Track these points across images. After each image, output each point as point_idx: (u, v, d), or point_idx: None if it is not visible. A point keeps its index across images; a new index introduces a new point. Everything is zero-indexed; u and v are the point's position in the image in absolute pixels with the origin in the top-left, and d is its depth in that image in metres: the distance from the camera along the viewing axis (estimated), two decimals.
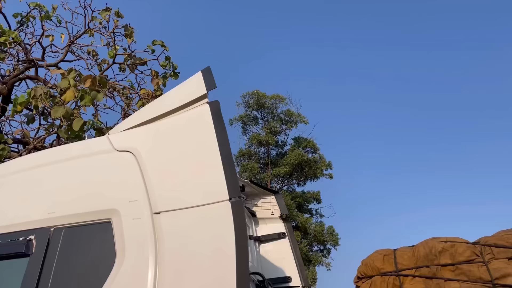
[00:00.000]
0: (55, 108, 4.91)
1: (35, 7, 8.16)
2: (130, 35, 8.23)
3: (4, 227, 2.74)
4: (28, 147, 6.27)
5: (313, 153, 31.55)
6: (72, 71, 5.32)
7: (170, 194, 2.39)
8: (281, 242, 4.49)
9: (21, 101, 5.53)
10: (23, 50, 8.09)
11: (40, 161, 3.08)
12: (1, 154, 5.48)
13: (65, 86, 5.08)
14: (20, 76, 7.96)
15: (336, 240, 29.08)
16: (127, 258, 2.28)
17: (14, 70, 8.31)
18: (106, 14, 8.22)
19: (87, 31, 8.55)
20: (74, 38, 8.60)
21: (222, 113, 2.53)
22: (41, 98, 5.30)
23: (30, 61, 7.94)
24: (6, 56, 7.70)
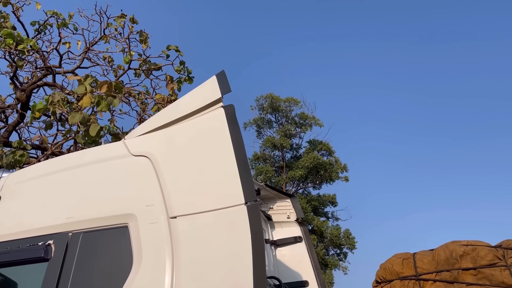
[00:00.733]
0: (72, 114, 4.98)
1: (52, 15, 8.30)
2: (145, 40, 8.31)
3: (24, 232, 2.78)
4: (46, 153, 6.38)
5: (329, 156, 31.38)
6: (88, 77, 5.40)
7: (186, 198, 2.39)
8: (298, 246, 4.45)
9: (39, 108, 5.62)
10: (41, 57, 8.24)
11: (58, 166, 3.12)
12: (20, 160, 5.58)
13: (81, 92, 5.16)
14: (38, 83, 8.11)
15: (353, 244, 28.80)
16: (144, 262, 2.29)
17: (32, 77, 8.47)
18: (121, 20, 8.32)
19: (103, 37, 8.67)
20: (90, 44, 8.73)
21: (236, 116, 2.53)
22: (59, 104, 5.38)
23: (48, 68, 8.08)
24: (25, 63, 7.86)
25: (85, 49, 8.64)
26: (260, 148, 32.09)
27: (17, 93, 7.74)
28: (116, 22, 8.37)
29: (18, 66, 7.61)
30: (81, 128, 5.25)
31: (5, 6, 7.72)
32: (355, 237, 28.99)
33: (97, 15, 8.45)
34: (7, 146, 7.25)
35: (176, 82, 8.36)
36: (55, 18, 8.35)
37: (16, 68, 7.78)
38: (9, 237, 2.79)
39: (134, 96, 8.01)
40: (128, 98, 8.06)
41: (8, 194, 3.06)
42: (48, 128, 6.85)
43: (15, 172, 3.36)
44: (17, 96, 7.73)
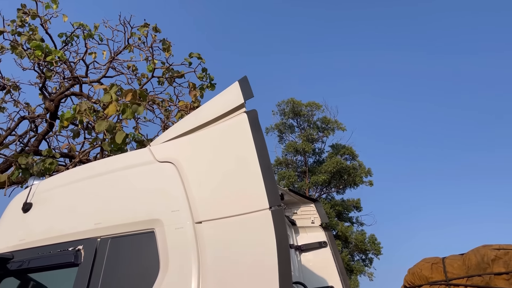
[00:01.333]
0: (98, 122, 5.10)
1: (78, 26, 8.55)
2: (167, 49, 8.45)
3: (54, 237, 2.84)
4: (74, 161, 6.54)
5: (352, 160, 31.05)
6: (113, 86, 5.52)
7: (211, 203, 2.41)
8: (323, 251, 4.41)
9: (67, 117, 5.78)
10: (68, 68, 8.47)
11: (86, 173, 3.19)
12: (49, 168, 5.73)
13: (107, 101, 5.27)
14: (66, 93, 8.34)
15: (379, 249, 28.32)
16: (170, 267, 2.31)
17: (60, 88, 8.72)
18: (144, 29, 8.49)
19: (127, 47, 8.86)
20: (115, 54, 8.93)
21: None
22: (86, 113, 5.52)
23: (75, 78, 8.31)
24: (53, 74, 8.11)
25: (110, 59, 8.85)
26: (282, 153, 32.06)
27: (46, 103, 7.98)
28: (140, 31, 8.55)
29: (47, 77, 7.86)
30: (107, 135, 5.37)
31: (34, 19, 8.00)
32: (380, 242, 28.54)
33: (121, 25, 8.66)
34: (37, 154, 7.48)
35: (198, 89, 8.45)
36: (81, 30, 8.60)
37: (45, 79, 8.02)
38: (41, 242, 2.86)
39: (158, 103, 8.14)
40: (152, 106, 8.20)
41: (39, 201, 3.14)
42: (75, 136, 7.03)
43: (45, 180, 3.44)
44: (46, 106, 7.96)
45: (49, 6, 8.09)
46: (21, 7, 7.91)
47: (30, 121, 8.53)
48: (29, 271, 2.86)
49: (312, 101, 32.15)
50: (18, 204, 3.18)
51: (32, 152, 7.24)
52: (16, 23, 7.88)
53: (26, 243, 2.93)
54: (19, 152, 6.62)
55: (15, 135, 8.46)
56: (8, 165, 7.06)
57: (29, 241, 2.93)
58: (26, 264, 2.82)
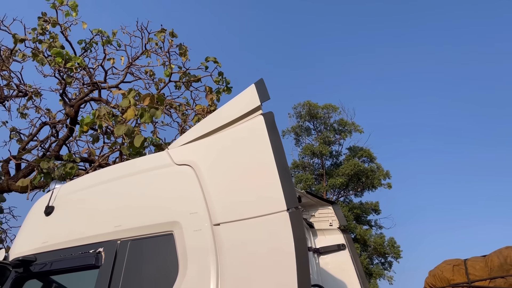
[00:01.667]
0: (117, 127, 5.18)
1: (97, 33, 8.71)
2: (184, 53, 8.53)
3: (75, 240, 2.89)
4: (94, 165, 6.65)
5: (370, 163, 30.73)
6: (132, 91, 5.60)
7: (229, 206, 2.41)
8: (341, 254, 4.36)
9: (87, 122, 5.89)
10: (87, 74, 8.63)
11: (105, 177, 3.24)
12: (70, 172, 5.84)
13: (126, 105, 5.36)
14: (85, 99, 8.49)
15: (398, 253, 27.91)
16: (189, 269, 2.32)
17: (80, 93, 8.89)
18: (161, 35, 8.60)
19: (144, 52, 8.98)
20: (133, 59, 9.06)
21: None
22: (105, 117, 5.61)
23: (94, 84, 8.46)
24: (73, 80, 8.27)
25: (128, 64, 8.98)
26: (299, 156, 31.93)
27: (66, 108, 8.14)
28: (157, 36, 8.66)
29: (67, 83, 8.02)
30: (126, 139, 5.45)
31: (54, 27, 8.18)
32: (400, 245, 28.12)
33: (139, 31, 8.78)
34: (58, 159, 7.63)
35: (215, 93, 8.50)
36: (100, 36, 8.76)
37: (65, 85, 8.19)
38: (63, 245, 2.92)
39: (175, 107, 8.22)
40: (169, 110, 8.29)
41: (61, 205, 3.21)
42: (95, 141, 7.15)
43: (66, 184, 3.51)
44: (66, 112, 8.12)
45: (69, 14, 8.26)
46: (42, 16, 8.10)
47: (51, 126, 8.71)
48: (51, 273, 2.92)
49: (328, 103, 32.02)
50: (41, 208, 3.25)
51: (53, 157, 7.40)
52: (37, 31, 8.07)
53: (48, 246, 2.99)
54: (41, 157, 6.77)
55: (37, 141, 8.66)
56: (31, 170, 7.23)
57: (51, 243, 2.99)
58: (48, 266, 2.87)
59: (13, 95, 8.87)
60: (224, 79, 8.68)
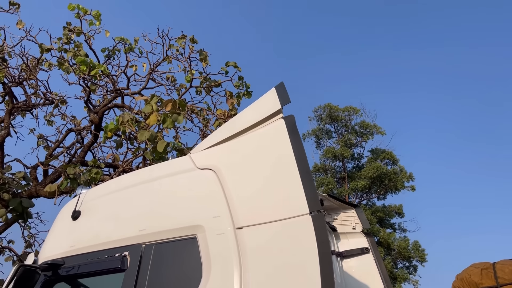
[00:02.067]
0: (140, 132, 5.27)
1: (120, 41, 8.89)
2: (204, 59, 8.62)
3: (101, 244, 2.94)
4: (118, 170, 6.77)
5: (393, 165, 30.29)
6: (154, 97, 5.70)
7: (251, 209, 2.42)
8: (365, 257, 4.31)
9: (111, 128, 6.01)
10: (110, 81, 8.81)
11: (130, 182, 3.30)
12: (95, 178, 5.97)
13: (148, 111, 5.45)
14: (109, 105, 8.66)
15: (423, 256, 27.35)
16: (213, 272, 2.34)
17: (103, 100, 9.07)
18: (182, 41, 8.71)
19: (166, 58, 9.11)
20: (154, 66, 9.20)
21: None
22: (128, 123, 5.72)
23: (117, 90, 8.62)
24: (97, 87, 8.46)
25: (149, 71, 9.13)
26: (320, 159, 31.73)
27: (90, 115, 8.32)
28: (177, 43, 8.77)
29: (91, 91, 8.21)
30: (149, 145, 5.54)
31: (78, 36, 8.39)
32: (425, 249, 27.57)
33: (160, 38, 8.92)
34: (83, 165, 7.80)
35: (235, 97, 8.55)
36: (122, 44, 8.94)
37: (90, 92, 8.38)
38: (89, 249, 2.98)
39: (196, 112, 8.31)
40: (190, 115, 8.37)
41: (87, 209, 3.28)
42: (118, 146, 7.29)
43: (92, 189, 3.58)
44: (91, 118, 8.30)
45: (92, 23, 8.46)
46: (67, 25, 8.33)
47: (77, 133, 8.92)
48: (79, 276, 2.98)
49: (349, 105, 31.75)
50: (68, 212, 3.33)
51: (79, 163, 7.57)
52: (62, 41, 8.29)
53: (75, 249, 3.05)
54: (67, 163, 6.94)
55: (63, 147, 8.87)
56: (58, 176, 7.42)
57: (78, 247, 3.05)
58: (76, 269, 2.94)
59: (40, 103, 9.12)
60: (244, 84, 8.72)
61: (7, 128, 7.74)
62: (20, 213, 5.47)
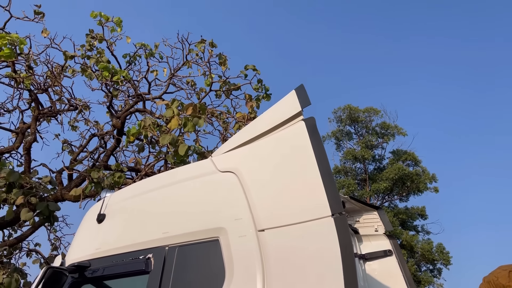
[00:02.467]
0: (162, 136, 5.35)
1: (140, 46, 9.04)
2: (224, 62, 8.69)
3: (126, 246, 3.00)
4: (140, 174, 6.87)
5: (415, 166, 29.80)
6: (175, 101, 5.77)
7: (273, 212, 2.42)
8: (388, 260, 4.25)
9: (133, 132, 6.11)
10: (132, 86, 8.97)
11: (152, 185, 3.35)
12: (118, 181, 6.08)
13: (169, 115, 5.52)
14: (131, 110, 8.82)
15: (448, 259, 26.79)
16: (236, 275, 2.35)
17: (125, 105, 9.24)
18: (201, 45, 8.80)
19: (185, 63, 9.22)
20: (175, 71, 9.32)
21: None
22: (150, 128, 5.81)
23: (139, 95, 8.77)
24: (119, 93, 8.62)
25: (170, 76, 9.25)
26: (340, 161, 31.46)
27: (113, 120, 8.48)
28: (197, 47, 8.87)
29: (114, 96, 8.38)
30: (171, 148, 5.61)
31: (101, 43, 8.57)
32: (449, 251, 26.99)
33: (180, 43, 9.03)
34: (106, 169, 7.96)
35: (255, 100, 8.58)
36: (143, 49, 9.09)
37: (112, 98, 8.55)
38: (114, 251, 3.03)
39: (216, 116, 8.37)
40: (211, 119, 8.44)
41: (112, 213, 3.34)
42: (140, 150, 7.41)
43: (116, 192, 3.65)
44: (113, 123, 8.46)
45: (114, 29, 8.63)
46: (89, 32, 8.52)
47: (100, 138, 9.11)
48: (104, 278, 3.03)
49: (369, 106, 31.42)
50: (93, 216, 3.40)
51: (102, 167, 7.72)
52: (85, 47, 8.49)
53: (101, 252, 3.12)
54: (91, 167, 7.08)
55: (87, 152, 9.07)
56: (82, 180, 7.58)
57: (104, 249, 3.11)
58: (101, 271, 3.00)
59: (64, 109, 9.35)
60: (263, 86, 8.75)
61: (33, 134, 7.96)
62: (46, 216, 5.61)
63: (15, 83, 8.03)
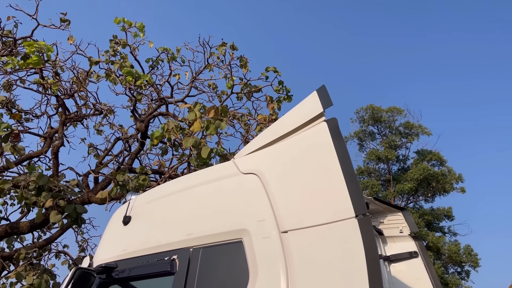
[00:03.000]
0: (185, 139, 5.41)
1: (163, 51, 9.18)
2: (244, 65, 8.73)
3: (152, 248, 3.04)
4: (164, 176, 6.98)
5: (440, 166, 29.17)
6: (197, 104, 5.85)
7: (296, 213, 2.42)
8: (414, 262, 4.17)
9: (157, 135, 6.22)
10: (155, 90, 9.11)
11: (176, 187, 3.40)
12: (143, 184, 6.19)
13: (192, 118, 5.59)
14: (154, 114, 8.96)
15: (476, 261, 26.10)
16: (259, 276, 2.35)
17: (148, 109, 9.39)
18: (222, 48, 8.87)
19: (207, 66, 9.30)
20: (196, 74, 9.42)
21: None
22: (173, 131, 5.90)
23: (161, 99, 8.90)
24: (142, 97, 8.77)
25: (192, 79, 9.35)
26: (363, 161, 31.09)
27: (137, 124, 8.63)
28: (218, 50, 8.94)
29: (137, 100, 8.53)
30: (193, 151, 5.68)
31: (124, 48, 8.75)
32: (478, 253, 26.29)
33: (201, 46, 9.13)
34: (131, 172, 8.10)
35: (276, 102, 8.58)
36: (165, 54, 9.22)
37: (135, 102, 8.70)
38: (140, 252, 3.09)
39: (238, 118, 8.41)
40: (232, 121, 8.49)
41: (137, 215, 3.40)
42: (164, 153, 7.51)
43: (141, 195, 3.71)
44: (137, 127, 8.61)
45: (137, 34, 8.80)
46: (113, 38, 8.70)
47: (124, 141, 9.27)
48: (131, 279, 3.09)
49: (393, 106, 30.96)
50: (119, 218, 3.47)
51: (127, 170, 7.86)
52: (109, 53, 8.68)
53: (127, 253, 3.17)
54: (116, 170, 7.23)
55: (112, 155, 9.25)
56: (107, 183, 7.74)
57: (130, 251, 3.17)
58: (128, 272, 3.05)
59: (90, 114, 9.57)
60: (285, 88, 8.75)
61: (61, 138, 8.17)
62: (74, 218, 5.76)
63: (43, 89, 8.28)
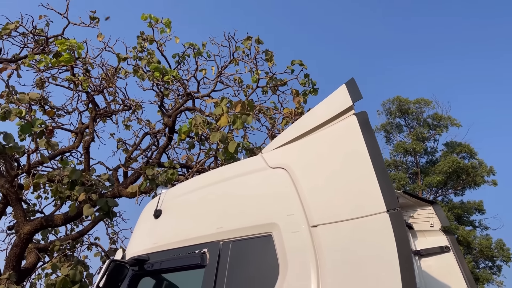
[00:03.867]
0: (212, 134, 5.47)
1: (189, 46, 9.26)
2: (270, 59, 8.70)
3: (181, 241, 3.09)
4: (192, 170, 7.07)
5: (470, 159, 28.40)
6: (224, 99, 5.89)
7: (325, 207, 2.41)
8: (445, 257, 4.09)
9: (184, 130, 6.30)
10: (182, 85, 9.22)
11: (206, 182, 3.44)
12: (171, 178, 6.29)
13: (219, 113, 5.64)
14: (181, 109, 9.07)
15: (508, 256, 25.38)
16: (289, 270, 2.36)
17: (175, 104, 9.51)
18: (247, 42, 8.88)
19: (232, 61, 9.34)
20: (222, 69, 9.47)
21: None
22: (200, 125, 5.96)
23: (188, 94, 9.00)
24: (169, 92, 8.89)
25: (217, 74, 9.41)
26: (390, 154, 30.59)
27: (164, 119, 8.77)
28: (243, 44, 8.95)
29: (165, 95, 8.65)
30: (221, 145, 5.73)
31: (151, 44, 8.88)
32: (510, 248, 25.53)
33: (226, 41, 9.16)
34: (159, 166, 8.25)
35: (301, 95, 8.54)
36: (191, 49, 9.30)
37: (163, 97, 8.83)
38: (171, 245, 3.15)
39: (263, 112, 8.42)
40: (258, 115, 8.51)
41: (167, 208, 3.47)
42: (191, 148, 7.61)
43: (171, 189, 3.78)
44: (165, 122, 8.75)
45: (163, 30, 8.91)
46: (140, 34, 8.84)
47: (152, 136, 9.44)
48: (162, 272, 3.16)
49: (420, 97, 30.27)
50: (150, 212, 3.54)
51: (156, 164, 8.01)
52: (137, 49, 8.82)
53: (158, 246, 3.25)
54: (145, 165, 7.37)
55: (140, 150, 9.44)
56: (137, 177, 7.91)
57: (161, 244, 3.24)
58: (159, 265, 3.12)
59: (119, 109, 9.78)
60: (310, 81, 8.68)
61: (91, 134, 8.39)
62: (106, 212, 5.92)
63: (74, 86, 8.50)
